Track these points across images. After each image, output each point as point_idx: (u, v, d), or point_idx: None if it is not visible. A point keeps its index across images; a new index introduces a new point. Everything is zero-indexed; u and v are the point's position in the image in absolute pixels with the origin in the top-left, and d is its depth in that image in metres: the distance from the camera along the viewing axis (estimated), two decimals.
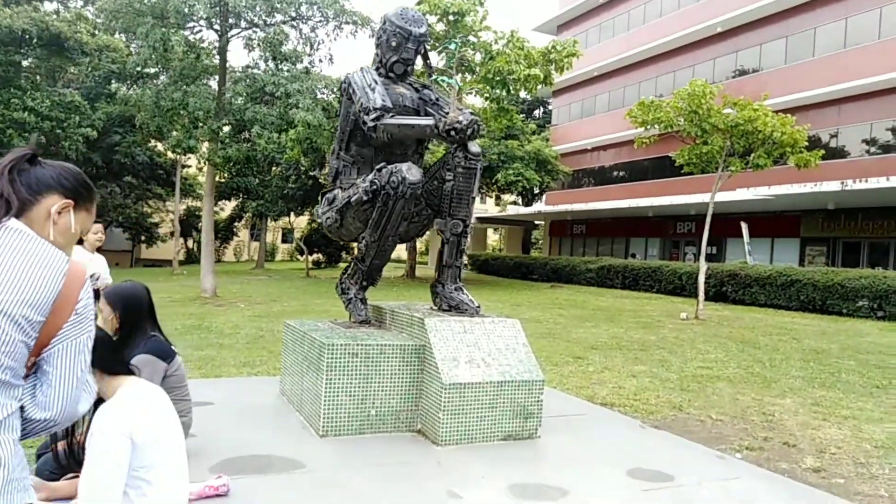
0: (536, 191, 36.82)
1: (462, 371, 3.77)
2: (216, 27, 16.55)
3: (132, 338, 3.06)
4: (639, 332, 11.32)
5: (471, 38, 11.19)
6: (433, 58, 14.52)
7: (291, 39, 17.01)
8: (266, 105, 15.95)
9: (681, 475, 3.64)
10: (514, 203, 40.37)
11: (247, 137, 17.83)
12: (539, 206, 36.38)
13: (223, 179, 38.02)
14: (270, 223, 44.75)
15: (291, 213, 35.27)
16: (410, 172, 4.02)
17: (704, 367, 8.15)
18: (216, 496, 2.94)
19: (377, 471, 3.40)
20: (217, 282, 19.67)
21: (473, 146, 4.15)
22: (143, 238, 45.09)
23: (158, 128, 16.26)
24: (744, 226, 20.43)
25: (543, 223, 39.02)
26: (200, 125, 15.37)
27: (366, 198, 4.18)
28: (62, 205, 1.49)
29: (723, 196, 19.22)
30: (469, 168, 4.15)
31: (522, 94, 15.31)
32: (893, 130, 21.55)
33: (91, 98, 30.23)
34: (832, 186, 18.98)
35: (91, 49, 27.22)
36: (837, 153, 22.46)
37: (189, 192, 40.97)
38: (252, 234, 51.56)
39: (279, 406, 4.46)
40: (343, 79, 4.65)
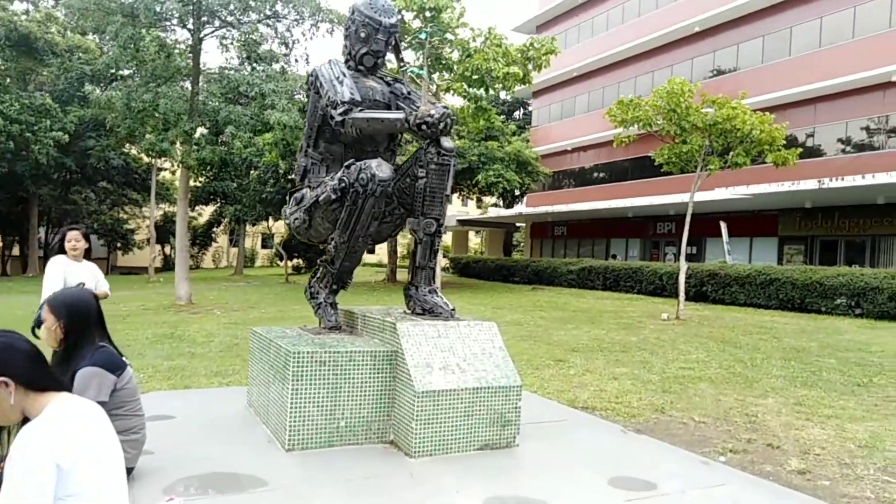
0: (517, 192, 36.80)
1: (436, 378, 3.59)
2: (189, 26, 16.22)
3: (78, 349, 2.84)
4: (620, 334, 11.23)
5: (448, 36, 11.05)
6: (409, 56, 14.51)
7: (266, 38, 16.72)
8: (241, 105, 15.63)
9: (664, 483, 3.50)
10: (496, 205, 40.31)
11: (223, 140, 17.50)
12: (520, 208, 36.34)
13: (199, 184, 37.40)
14: (249, 228, 44.16)
15: (270, 218, 34.85)
16: (380, 169, 3.84)
17: (686, 368, 8.06)
18: None
19: (345, 486, 3.20)
20: (193, 289, 19.29)
21: (446, 141, 3.97)
22: (119, 245, 44.28)
23: (130, 130, 15.86)
24: (723, 225, 20.50)
25: (524, 225, 38.99)
26: (172, 127, 15.01)
27: (334, 196, 3.98)
28: None
29: (702, 196, 19.28)
30: (442, 164, 3.97)
31: (502, 94, 15.21)
32: (868, 129, 21.78)
33: (63, 101, 29.56)
34: (809, 185, 19.12)
35: (61, 50, 26.62)
36: (814, 152, 22.66)
37: (166, 197, 40.30)
38: (231, 240, 50.92)
39: (245, 418, 4.24)
40: (310, 72, 4.45)
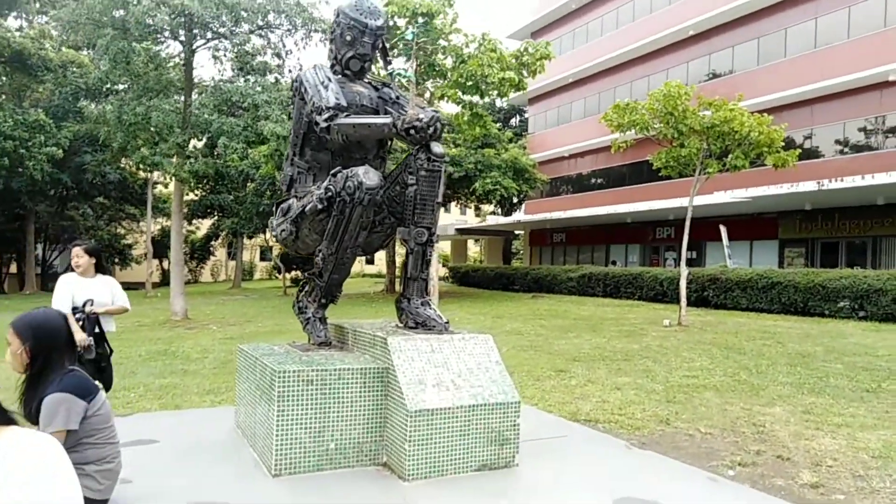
0: (515, 200, 36.70)
1: (429, 395, 3.41)
2: (181, 38, 16.12)
3: (45, 374, 2.65)
4: (622, 342, 11.04)
5: (440, 42, 10.92)
6: (401, 62, 14.38)
7: (260, 51, 16.63)
8: (234, 117, 15.50)
9: None
10: (494, 213, 40.19)
11: (218, 153, 17.38)
12: (518, 216, 36.23)
13: (196, 197, 37.27)
14: (247, 241, 43.97)
15: (267, 230, 34.69)
16: (367, 176, 3.67)
17: (690, 376, 7.87)
18: None
19: None
20: (190, 303, 19.12)
21: (436, 147, 3.80)
22: (117, 260, 44.06)
23: (123, 144, 15.73)
24: (723, 229, 20.35)
25: (523, 233, 38.86)
26: (164, 140, 14.87)
27: (320, 206, 3.81)
28: None
29: (701, 199, 19.13)
30: (432, 171, 3.80)
31: (497, 101, 15.08)
32: (865, 130, 21.67)
33: (58, 117, 29.42)
34: (809, 187, 18.97)
35: (55, 65, 26.47)
36: (812, 154, 22.54)
37: (163, 211, 40.16)
38: (229, 253, 50.72)
39: (232, 441, 4.05)
40: (295, 77, 4.29)
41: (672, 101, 12.72)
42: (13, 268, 38.95)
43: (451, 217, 50.62)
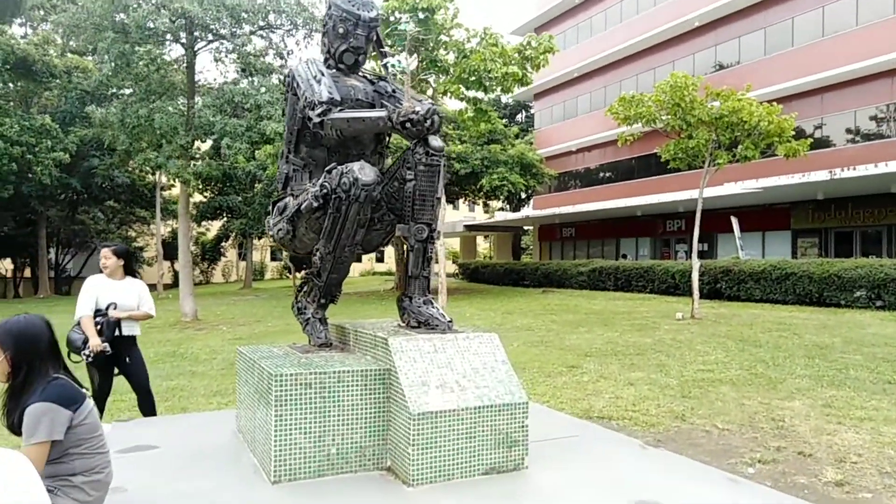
0: (523, 195, 36.52)
1: (433, 397, 3.27)
2: (182, 41, 16.05)
3: (28, 383, 2.53)
4: (634, 336, 10.86)
5: (442, 37, 10.75)
6: (404, 60, 14.08)
7: (262, 52, 16.55)
8: (236, 118, 15.43)
9: None
10: (502, 209, 40.01)
11: (224, 154, 17.33)
12: (527, 211, 36.03)
13: (205, 199, 37.38)
14: (257, 242, 44.01)
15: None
16: (363, 172, 3.53)
17: (705, 370, 7.69)
18: None
19: None
20: (201, 304, 19.11)
21: (435, 140, 3.66)
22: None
23: (127, 146, 15.71)
24: (734, 220, 20.08)
25: (532, 228, 38.66)
26: (168, 141, 14.83)
27: (316, 204, 3.68)
28: None
29: (711, 191, 18.89)
30: (431, 165, 3.66)
31: (501, 96, 14.89)
32: (877, 118, 21.33)
33: (65, 122, 29.53)
34: (821, 176, 18.69)
35: (60, 71, 26.55)
36: (823, 143, 22.21)
37: (172, 214, 40.27)
38: (240, 254, 50.84)
39: (233, 446, 3.92)
40: (286, 73, 4.16)
41: (679, 92, 12.51)
42: (27, 272, 39.19)
43: (460, 214, 50.49)
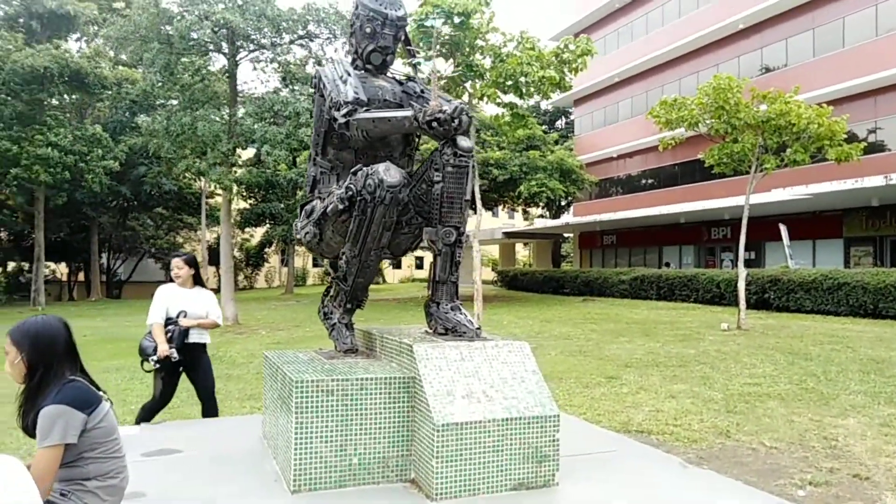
0: (563, 202, 36.09)
1: (458, 408, 3.13)
2: (224, 51, 16.36)
3: (44, 384, 2.49)
4: (677, 346, 10.52)
5: (478, 42, 10.65)
6: (440, 65, 14.12)
7: (300, 60, 16.75)
8: (276, 125, 15.63)
9: None
10: (542, 216, 39.64)
11: (262, 160, 17.59)
12: (567, 218, 35.57)
13: (248, 206, 38.11)
14: (299, 248, 44.59)
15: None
16: (388, 173, 3.43)
17: (752, 384, 7.36)
18: None
19: None
20: (243, 309, 19.38)
21: (463, 141, 3.54)
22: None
23: (171, 155, 16.08)
24: (783, 228, 19.40)
25: (572, 235, 38.16)
26: (210, 149, 15.11)
27: (341, 206, 3.59)
28: None
29: (758, 198, 18.28)
30: (459, 167, 3.53)
31: (538, 100, 14.67)
32: None
33: (116, 131, 30.48)
34: (875, 181, 17.88)
35: (110, 83, 27.43)
36: (877, 147, 21.31)
37: (217, 220, 41.15)
38: (282, 260, 51.60)
39: (257, 452, 3.85)
40: (314, 74, 4.10)
41: (723, 95, 12.13)
42: (81, 276, 40.57)
43: (499, 221, 50.24)
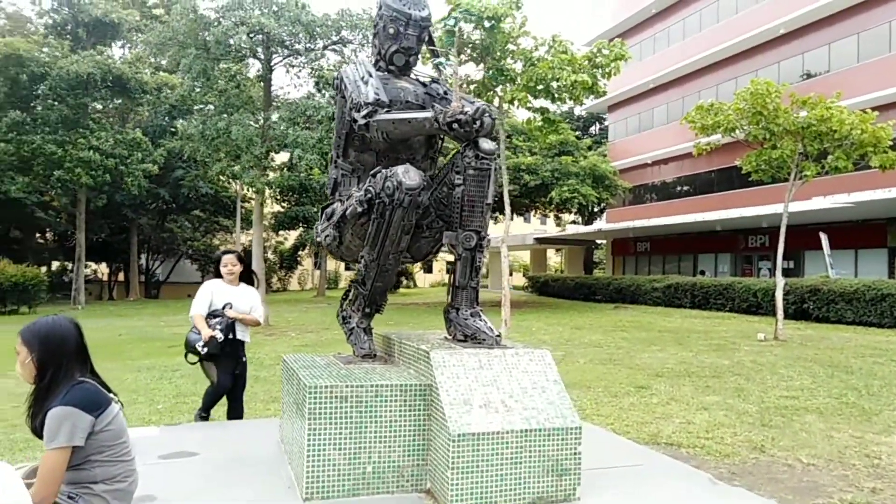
0: (595, 208, 35.68)
1: (476, 417, 3.03)
2: (259, 56, 16.57)
3: (53, 385, 2.48)
4: (710, 356, 10.23)
5: (510, 46, 10.55)
6: (471, 70, 14.09)
7: (334, 65, 16.87)
8: (308, 129, 15.75)
9: None
10: (574, 222, 39.26)
11: (294, 164, 17.74)
12: (600, 224, 35.17)
13: (282, 209, 38.60)
14: None
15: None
16: (408, 176, 3.36)
17: (789, 397, 7.09)
18: None
19: None
20: (275, 311, 19.54)
21: (485, 143, 3.45)
22: (212, 269, 46.04)
23: (205, 158, 16.33)
24: (823, 237, 18.81)
25: (605, 242, 37.70)
26: (244, 153, 15.29)
27: (360, 209, 3.53)
28: None
29: (797, 206, 17.78)
30: (481, 169, 3.44)
31: (571, 105, 14.50)
32: None
33: (155, 135, 31.21)
34: None
35: (151, 88, 28.07)
36: None
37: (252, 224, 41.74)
38: (315, 263, 52.12)
39: (273, 457, 3.81)
40: (336, 75, 4.06)
41: (761, 100, 11.80)
42: (121, 276, 41.59)
43: (531, 226, 49.93)
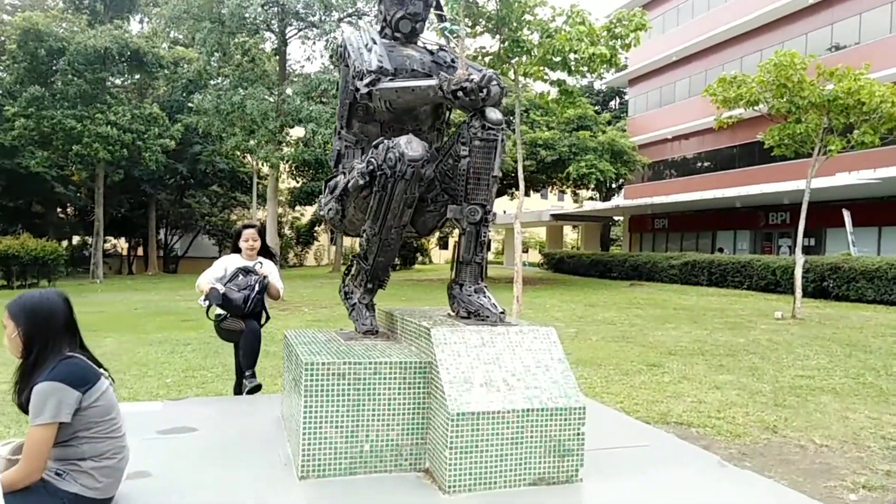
0: (613, 185, 35.25)
1: (476, 396, 2.95)
2: (274, 28, 16.41)
3: (40, 360, 2.43)
4: (725, 335, 10.09)
5: (526, 17, 10.28)
6: (486, 41, 13.76)
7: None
8: (322, 104, 15.63)
9: None
10: (592, 199, 38.87)
11: (307, 139, 17.66)
12: (618, 201, 34.81)
13: (298, 185, 38.62)
14: None
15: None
16: (410, 146, 3.24)
17: (804, 377, 6.95)
18: None
19: None
20: (289, 286, 19.57)
21: (492, 112, 3.31)
22: (229, 244, 46.44)
23: (220, 132, 16.29)
24: (846, 214, 18.42)
25: (623, 218, 37.33)
26: (259, 127, 15.23)
27: (362, 181, 3.43)
28: None
29: (820, 182, 17.38)
30: (487, 140, 3.32)
31: (591, 79, 14.18)
32: None
33: (173, 110, 31.21)
34: None
35: (167, 62, 27.99)
36: None
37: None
38: (331, 239, 52.28)
39: (273, 434, 3.77)
40: (339, 42, 3.94)
41: (785, 71, 11.45)
42: (140, 251, 42.09)
43: (548, 203, 49.55)
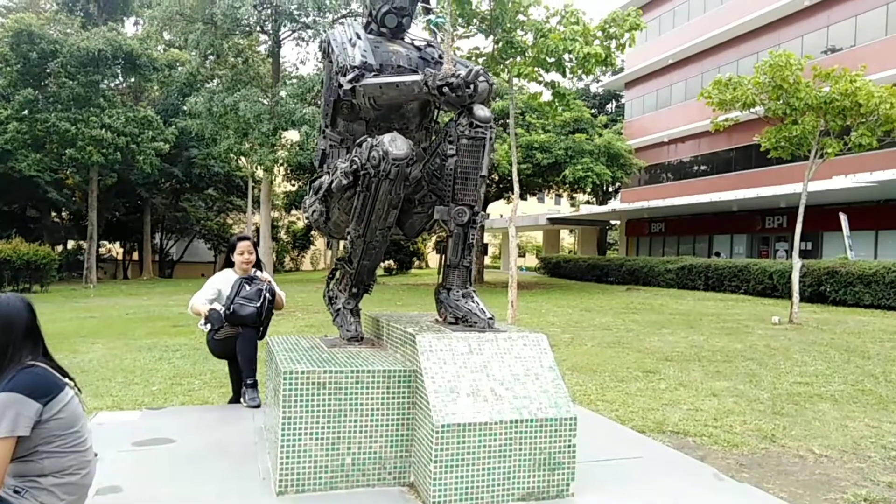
0: (610, 188, 35.16)
1: (462, 407, 2.82)
2: (268, 30, 16.30)
3: (1, 369, 2.29)
4: (722, 340, 9.97)
5: (520, 17, 10.18)
6: (480, 42, 13.65)
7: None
8: (316, 106, 15.52)
9: None
10: (588, 202, 38.80)
11: (300, 142, 17.53)
12: (614, 205, 34.76)
13: (294, 188, 38.43)
14: None
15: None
16: (394, 145, 3.12)
17: (802, 383, 6.83)
18: None
19: None
20: (284, 291, 19.43)
21: (480, 110, 3.19)
22: (225, 249, 46.19)
23: (213, 135, 16.15)
24: (843, 217, 18.35)
25: (620, 222, 37.28)
26: (252, 129, 15.10)
27: (346, 181, 3.30)
28: None
29: (817, 185, 17.32)
30: (475, 138, 3.20)
31: (587, 82, 14.08)
32: None
33: (167, 113, 30.98)
34: None
35: (161, 65, 27.81)
36: None
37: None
38: (328, 243, 52.08)
39: (253, 446, 3.62)
40: (323, 38, 3.81)
41: (781, 73, 11.37)
42: (135, 256, 41.81)
43: (544, 206, 49.51)
